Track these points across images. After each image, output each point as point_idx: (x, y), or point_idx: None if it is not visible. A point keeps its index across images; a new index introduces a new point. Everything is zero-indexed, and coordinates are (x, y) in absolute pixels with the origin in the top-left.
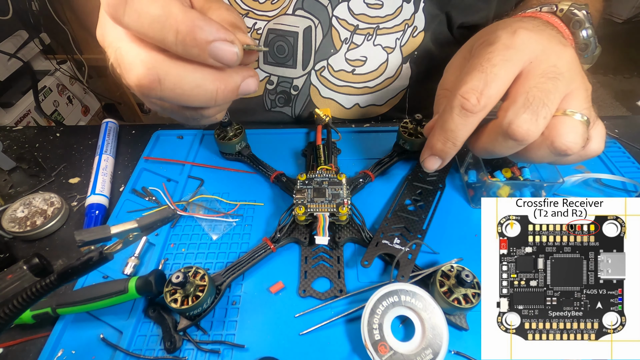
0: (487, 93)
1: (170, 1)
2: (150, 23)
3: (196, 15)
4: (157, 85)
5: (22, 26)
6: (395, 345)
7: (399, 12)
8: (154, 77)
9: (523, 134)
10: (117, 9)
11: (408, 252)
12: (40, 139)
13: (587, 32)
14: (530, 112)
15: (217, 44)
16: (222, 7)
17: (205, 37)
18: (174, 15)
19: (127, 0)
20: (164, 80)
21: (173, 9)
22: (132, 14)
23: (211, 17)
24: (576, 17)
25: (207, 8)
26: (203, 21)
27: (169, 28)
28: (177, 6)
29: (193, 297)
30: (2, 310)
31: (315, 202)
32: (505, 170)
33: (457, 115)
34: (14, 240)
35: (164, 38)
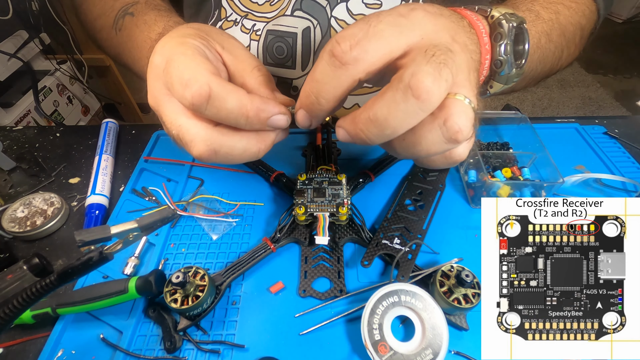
0: (364, 45)
1: (240, 94)
2: (226, 115)
3: (259, 101)
4: (214, 156)
5: (22, 26)
6: (395, 345)
7: None
8: (211, 151)
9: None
10: (201, 106)
11: (408, 252)
12: (40, 139)
13: (505, 49)
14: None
15: (274, 117)
16: (254, 69)
17: (267, 116)
18: (244, 105)
19: (208, 100)
20: (219, 151)
21: (243, 100)
22: (212, 109)
23: (249, 81)
24: (500, 28)
25: (242, 70)
26: (264, 104)
27: (241, 116)
28: (246, 97)
29: (193, 297)
30: (2, 310)
31: (315, 202)
32: (505, 170)
33: (325, 62)
34: (14, 240)
35: (236, 122)
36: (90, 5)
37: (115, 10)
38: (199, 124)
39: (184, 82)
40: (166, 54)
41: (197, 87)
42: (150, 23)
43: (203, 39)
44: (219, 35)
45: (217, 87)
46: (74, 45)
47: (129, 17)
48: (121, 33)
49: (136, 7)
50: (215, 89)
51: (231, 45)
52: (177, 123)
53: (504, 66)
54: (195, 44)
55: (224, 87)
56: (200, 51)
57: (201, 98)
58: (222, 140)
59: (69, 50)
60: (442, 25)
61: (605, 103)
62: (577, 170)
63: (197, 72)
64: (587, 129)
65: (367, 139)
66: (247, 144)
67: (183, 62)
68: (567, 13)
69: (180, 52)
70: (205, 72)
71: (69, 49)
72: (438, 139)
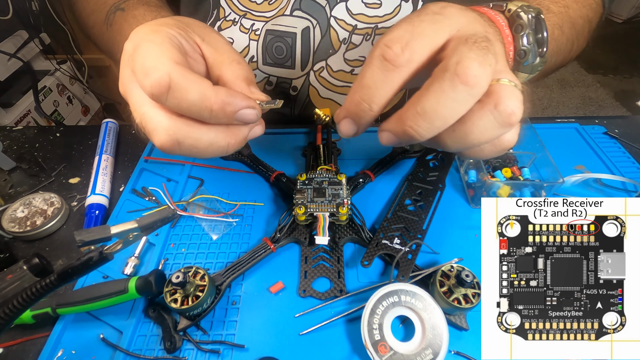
0: (413, 46)
1: (204, 86)
2: (188, 106)
3: (224, 93)
4: (177, 147)
5: (22, 26)
6: (395, 345)
7: (397, 11)
8: (174, 141)
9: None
10: (160, 96)
11: (408, 252)
12: (40, 139)
13: (527, 39)
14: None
15: (242, 111)
16: (233, 61)
17: (233, 109)
18: (207, 97)
19: (168, 90)
20: (182, 143)
21: (207, 92)
22: (173, 100)
23: (226, 73)
24: (520, 20)
25: (220, 62)
26: (230, 97)
27: (204, 109)
28: (210, 89)
29: (193, 297)
30: (2, 310)
31: (315, 202)
32: (505, 170)
33: (377, 67)
34: (14, 240)
35: (200, 115)
36: (84, 3)
37: (108, 6)
38: (163, 114)
39: (145, 70)
40: (136, 40)
41: (157, 77)
42: (139, 17)
43: (181, 29)
44: (200, 28)
45: (178, 77)
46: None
47: (120, 13)
48: (112, 28)
49: (127, 2)
50: (175, 79)
51: (212, 38)
52: (141, 111)
53: (528, 56)
54: (168, 33)
55: (186, 77)
56: (172, 40)
57: (160, 88)
58: (185, 132)
59: (69, 50)
60: (473, 18)
61: (605, 103)
62: (577, 170)
63: (158, 61)
64: (587, 129)
65: (417, 134)
66: (215, 138)
67: (148, 49)
68: (575, 7)
69: (149, 39)
70: (168, 60)
71: (69, 49)
72: (490, 124)
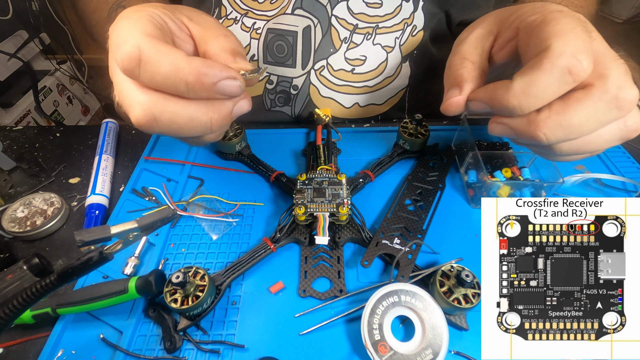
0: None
1: (176, 56)
2: (162, 80)
3: (199, 64)
4: (154, 123)
5: (22, 26)
6: (395, 345)
7: (398, 11)
8: (150, 117)
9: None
10: (132, 71)
11: (408, 252)
12: (40, 139)
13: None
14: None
15: (222, 82)
16: (220, 35)
17: (211, 81)
18: (181, 69)
19: (139, 64)
20: (159, 118)
21: (180, 63)
22: (145, 74)
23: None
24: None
25: (207, 37)
26: (207, 67)
27: (179, 81)
28: (183, 59)
29: (193, 297)
30: (2, 310)
31: (315, 202)
32: (505, 170)
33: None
34: (14, 240)
35: (177, 89)
36: (86, 1)
37: (109, 4)
38: (138, 89)
39: (117, 44)
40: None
41: (126, 50)
42: None
43: (167, 9)
44: (188, 10)
45: (148, 48)
46: (74, 45)
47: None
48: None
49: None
50: (146, 51)
51: (200, 17)
52: (119, 87)
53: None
54: (150, 11)
55: (157, 49)
56: (151, 17)
57: (130, 61)
58: (162, 106)
59: (69, 50)
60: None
61: None
62: (577, 170)
63: (129, 34)
64: None
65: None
66: (194, 112)
67: (122, 25)
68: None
69: (127, 16)
70: (139, 33)
71: (69, 49)
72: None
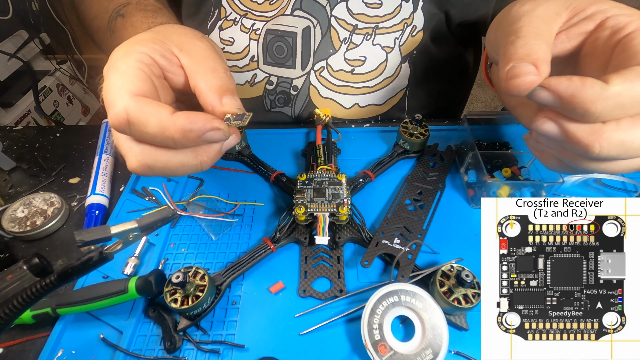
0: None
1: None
2: (151, 137)
3: (183, 121)
4: (148, 170)
5: (22, 26)
6: (395, 345)
7: (397, 11)
8: (144, 166)
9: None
10: (123, 130)
11: (408, 252)
12: (40, 139)
13: None
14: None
15: (207, 134)
16: (207, 70)
17: (196, 135)
18: (166, 128)
19: (128, 125)
20: (153, 166)
21: (165, 123)
22: (136, 133)
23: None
24: None
25: (196, 71)
26: (190, 123)
27: (165, 138)
28: (168, 119)
29: (193, 297)
30: (2, 310)
31: (315, 202)
32: (505, 170)
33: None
34: (14, 240)
35: (165, 144)
36: (88, 7)
37: (109, 12)
38: (132, 140)
39: (107, 104)
40: (108, 66)
41: (114, 112)
42: (136, 25)
43: (157, 43)
44: (180, 37)
45: (134, 111)
46: (74, 45)
47: (120, 19)
48: (114, 35)
49: (127, 8)
50: (132, 114)
51: (191, 45)
52: (115, 136)
53: None
54: (140, 53)
55: (142, 110)
56: (142, 62)
57: (120, 123)
58: (154, 156)
59: (69, 50)
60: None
61: None
62: None
63: (118, 95)
64: None
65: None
66: (185, 159)
67: (111, 80)
68: None
69: (116, 67)
70: (126, 94)
71: (69, 49)
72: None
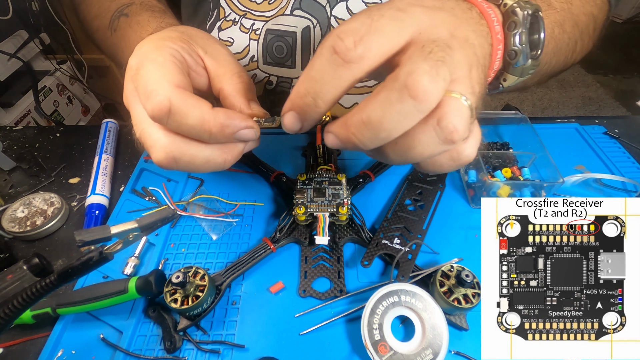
0: (368, 42)
1: (203, 109)
2: (188, 129)
3: (223, 117)
4: (174, 164)
5: (22, 26)
6: (395, 345)
7: None
8: (171, 159)
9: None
10: (161, 119)
11: (408, 252)
12: (40, 139)
13: (520, 38)
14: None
15: (241, 132)
16: (234, 75)
17: (232, 131)
18: (207, 121)
19: (169, 115)
20: (179, 159)
21: (206, 116)
22: (173, 123)
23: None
24: (514, 17)
25: (222, 75)
26: (229, 119)
27: (203, 131)
28: (209, 113)
29: (193, 297)
30: (2, 310)
31: (315, 202)
32: (505, 170)
33: (326, 59)
34: (14, 240)
35: (199, 137)
36: (88, 6)
37: (111, 12)
38: (161, 131)
39: (147, 92)
40: (140, 57)
41: (157, 101)
42: (143, 24)
43: (184, 42)
44: (203, 40)
45: (178, 101)
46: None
47: (124, 18)
48: (116, 34)
49: (131, 8)
50: (175, 104)
51: (215, 49)
52: (141, 126)
53: (518, 57)
54: (172, 49)
55: (186, 101)
56: (175, 57)
57: (161, 112)
58: (183, 149)
59: (69, 50)
60: (441, 20)
61: (605, 103)
62: (577, 170)
63: (159, 84)
64: (587, 129)
65: (360, 143)
66: (211, 155)
67: (150, 70)
68: (579, 3)
69: (152, 58)
70: (168, 84)
71: (69, 49)
72: (432, 140)
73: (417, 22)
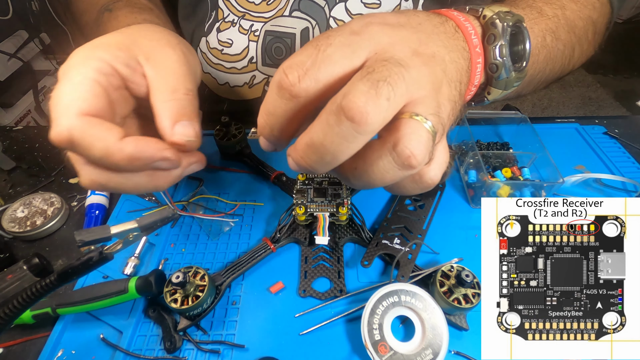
0: (313, 74)
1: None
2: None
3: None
4: (102, 189)
5: (22, 26)
6: (395, 345)
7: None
8: (97, 185)
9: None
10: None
11: (408, 252)
12: (40, 139)
13: (499, 51)
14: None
15: (157, 163)
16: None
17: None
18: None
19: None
20: (106, 186)
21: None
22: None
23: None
24: (493, 29)
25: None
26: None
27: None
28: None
29: (193, 297)
30: (2, 310)
31: (315, 202)
32: (505, 170)
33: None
34: (14, 240)
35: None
36: (78, 2)
37: (98, 7)
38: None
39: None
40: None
41: (57, 132)
42: (120, 19)
43: (122, 49)
44: (150, 43)
45: (79, 132)
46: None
47: (107, 14)
48: (99, 29)
49: (117, 3)
50: (76, 135)
51: (160, 55)
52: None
53: (500, 70)
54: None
55: (88, 132)
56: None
57: (60, 143)
58: (107, 177)
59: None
60: (401, 38)
61: (605, 103)
62: (577, 170)
63: (64, 112)
64: (587, 129)
65: (309, 166)
66: (139, 181)
67: (61, 92)
68: (574, 7)
69: (70, 76)
70: (73, 113)
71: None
72: (390, 165)
73: (373, 43)
